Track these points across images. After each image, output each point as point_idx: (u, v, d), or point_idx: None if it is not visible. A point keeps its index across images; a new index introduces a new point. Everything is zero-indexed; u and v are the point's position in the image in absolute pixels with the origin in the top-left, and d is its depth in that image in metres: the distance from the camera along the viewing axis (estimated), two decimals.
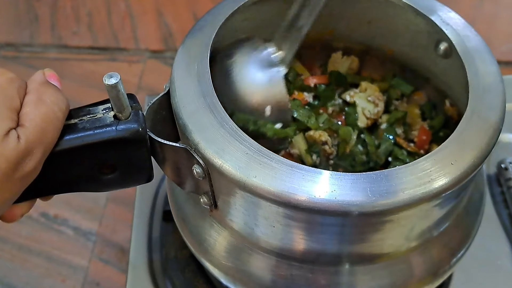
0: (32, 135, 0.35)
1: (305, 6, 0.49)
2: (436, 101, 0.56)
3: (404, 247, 0.43)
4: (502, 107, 0.42)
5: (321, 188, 0.37)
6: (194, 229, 0.48)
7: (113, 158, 0.40)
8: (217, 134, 0.40)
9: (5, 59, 0.86)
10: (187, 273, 0.58)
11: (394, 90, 0.57)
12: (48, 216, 0.69)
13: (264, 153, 0.39)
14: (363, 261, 0.44)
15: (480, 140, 0.40)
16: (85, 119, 0.39)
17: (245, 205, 0.41)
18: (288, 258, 0.43)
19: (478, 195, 0.49)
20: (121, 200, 0.70)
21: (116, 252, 0.66)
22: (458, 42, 0.46)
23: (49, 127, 0.36)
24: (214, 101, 0.41)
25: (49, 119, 0.36)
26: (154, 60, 0.86)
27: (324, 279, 0.44)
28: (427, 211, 0.41)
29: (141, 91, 0.81)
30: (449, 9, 0.49)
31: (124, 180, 0.42)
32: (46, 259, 0.66)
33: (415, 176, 0.38)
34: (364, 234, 0.41)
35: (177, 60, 0.45)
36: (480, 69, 0.44)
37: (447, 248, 0.46)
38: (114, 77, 0.37)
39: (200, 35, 0.46)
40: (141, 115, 0.39)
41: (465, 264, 0.50)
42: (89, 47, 0.88)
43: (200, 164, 0.40)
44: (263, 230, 0.42)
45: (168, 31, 0.90)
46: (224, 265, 0.46)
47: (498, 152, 0.65)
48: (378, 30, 0.55)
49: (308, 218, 0.39)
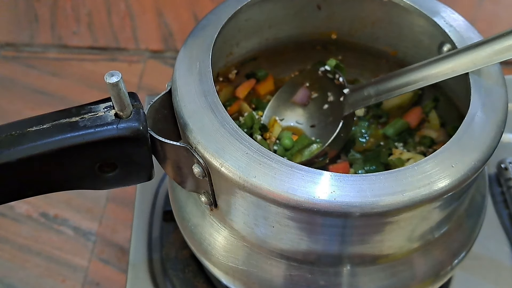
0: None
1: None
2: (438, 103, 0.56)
3: (405, 248, 0.43)
4: (504, 109, 0.42)
5: (321, 188, 0.37)
6: (194, 228, 0.48)
7: (114, 157, 0.40)
8: (218, 133, 0.40)
9: (5, 59, 0.86)
10: (187, 273, 0.58)
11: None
12: (48, 216, 0.69)
13: (264, 153, 0.39)
14: (363, 263, 0.43)
15: (481, 142, 0.40)
16: (86, 117, 0.39)
17: (245, 205, 0.41)
18: (288, 258, 0.43)
19: (479, 197, 0.49)
20: (121, 200, 0.70)
21: (116, 252, 0.66)
22: (461, 43, 0.46)
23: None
24: (215, 100, 0.41)
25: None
26: (154, 60, 0.86)
27: (324, 280, 0.44)
28: (427, 213, 0.41)
29: (141, 91, 0.81)
30: (452, 11, 0.49)
31: (124, 179, 0.42)
32: (46, 259, 0.66)
33: (415, 178, 0.38)
34: (364, 235, 0.41)
35: (179, 59, 0.45)
36: (482, 71, 0.44)
37: (448, 250, 0.46)
38: (116, 75, 0.37)
39: (203, 35, 0.46)
40: (142, 113, 0.39)
41: (465, 264, 0.50)
42: (89, 47, 0.88)
43: (200, 163, 0.40)
44: (263, 230, 0.42)
45: (168, 31, 0.90)
46: (224, 264, 0.46)
47: (498, 152, 0.64)
48: (381, 31, 0.55)
49: (307, 219, 0.39)
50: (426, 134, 0.55)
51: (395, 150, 0.54)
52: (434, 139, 0.55)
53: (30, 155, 0.38)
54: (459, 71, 0.44)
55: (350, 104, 0.53)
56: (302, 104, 0.57)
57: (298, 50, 0.59)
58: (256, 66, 0.58)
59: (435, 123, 0.56)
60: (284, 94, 0.58)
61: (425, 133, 0.55)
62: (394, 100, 0.57)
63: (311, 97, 0.57)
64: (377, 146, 0.56)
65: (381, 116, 0.58)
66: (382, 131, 0.56)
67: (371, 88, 0.51)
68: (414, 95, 0.57)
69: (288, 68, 0.60)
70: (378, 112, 0.58)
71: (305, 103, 0.57)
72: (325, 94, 0.56)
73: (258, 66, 0.59)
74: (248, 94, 0.58)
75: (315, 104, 0.57)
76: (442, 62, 0.46)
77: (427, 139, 0.55)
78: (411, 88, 0.48)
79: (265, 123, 0.56)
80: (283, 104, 0.57)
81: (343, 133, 0.54)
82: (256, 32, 0.54)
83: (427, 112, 0.56)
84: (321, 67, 0.57)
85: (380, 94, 0.51)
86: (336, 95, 0.55)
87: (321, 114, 0.56)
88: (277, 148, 0.54)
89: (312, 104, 0.57)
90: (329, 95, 0.56)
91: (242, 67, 0.58)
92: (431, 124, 0.56)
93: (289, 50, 0.58)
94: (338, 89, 0.55)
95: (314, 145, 0.54)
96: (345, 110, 0.54)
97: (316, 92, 0.57)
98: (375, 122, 0.58)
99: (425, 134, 0.55)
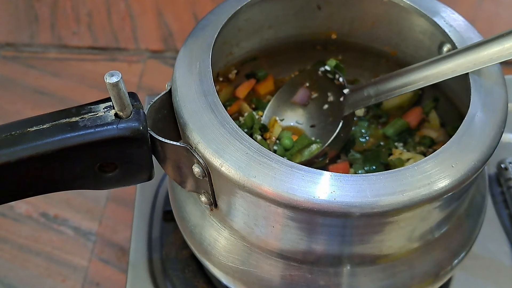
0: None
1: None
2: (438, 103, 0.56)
3: (405, 248, 0.43)
4: (504, 109, 0.42)
5: (321, 188, 0.37)
6: (194, 228, 0.48)
7: (114, 157, 0.40)
8: (218, 133, 0.40)
9: (5, 59, 0.86)
10: (187, 273, 0.58)
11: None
12: (48, 216, 0.69)
13: (264, 153, 0.39)
14: (363, 263, 0.43)
15: (481, 142, 0.40)
16: (86, 117, 0.39)
17: (245, 205, 0.41)
18: (288, 258, 0.43)
19: (479, 197, 0.49)
20: (121, 200, 0.70)
21: (116, 252, 0.66)
22: (461, 43, 0.46)
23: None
24: (215, 100, 0.41)
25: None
26: (154, 60, 0.86)
27: (323, 280, 0.44)
28: (427, 213, 0.41)
29: (141, 91, 0.81)
30: (452, 11, 0.49)
31: (124, 178, 0.42)
32: (46, 259, 0.66)
33: (415, 178, 0.37)
34: (364, 235, 0.41)
35: (179, 59, 0.45)
36: (482, 71, 0.44)
37: (448, 250, 0.46)
38: (116, 75, 0.37)
39: (203, 35, 0.46)
40: (142, 113, 0.40)
41: (465, 264, 0.50)
42: (89, 47, 0.88)
43: (200, 163, 0.40)
44: (263, 230, 0.42)
45: (168, 31, 0.90)
46: (224, 264, 0.46)
47: (498, 152, 0.64)
48: (381, 31, 0.55)
49: (307, 219, 0.39)
50: (426, 134, 0.55)
51: (395, 150, 0.54)
52: (434, 139, 0.55)
53: (30, 155, 0.38)
54: (459, 71, 0.44)
55: (350, 104, 0.53)
56: (302, 104, 0.57)
57: (298, 50, 0.59)
58: (256, 66, 0.58)
59: (435, 123, 0.56)
60: (284, 94, 0.58)
61: (425, 133, 0.55)
62: (394, 100, 0.57)
63: (311, 97, 0.57)
64: (377, 146, 0.56)
65: (381, 116, 0.58)
66: (382, 131, 0.56)
67: (371, 88, 0.51)
68: (414, 95, 0.57)
69: (288, 68, 0.60)
70: (378, 112, 0.58)
71: (305, 103, 0.57)
72: (325, 94, 0.56)
73: (258, 66, 0.59)
74: (248, 94, 0.58)
75: (315, 104, 0.57)
76: (442, 62, 0.46)
77: (427, 139, 0.55)
78: (411, 88, 0.48)
79: (265, 123, 0.56)
80: (283, 104, 0.57)
81: (343, 133, 0.54)
82: (256, 32, 0.54)
83: (427, 112, 0.56)
84: (321, 67, 0.57)
85: (380, 94, 0.51)
86: (336, 95, 0.55)
87: (321, 114, 0.56)
88: (277, 148, 0.54)
89: (312, 104, 0.57)
90: (329, 95, 0.56)
91: (242, 67, 0.58)
92: (431, 124, 0.56)
93: (289, 50, 0.58)
94: (338, 89, 0.55)
95: (314, 145, 0.54)
96: (345, 110, 0.54)
97: (316, 92, 0.57)
98: (375, 122, 0.58)
99: (425, 134, 0.55)
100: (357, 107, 0.54)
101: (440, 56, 0.46)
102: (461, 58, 0.44)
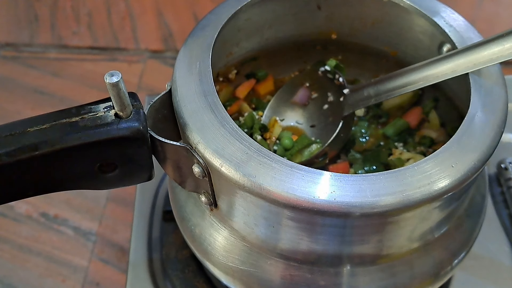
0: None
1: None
2: (438, 103, 0.56)
3: (405, 248, 0.43)
4: (504, 109, 0.42)
5: (321, 188, 0.37)
6: (194, 228, 0.48)
7: (114, 157, 0.40)
8: (218, 133, 0.40)
9: (5, 59, 0.86)
10: (187, 273, 0.58)
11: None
12: (48, 216, 0.69)
13: (264, 153, 0.38)
14: (363, 263, 0.43)
15: (481, 142, 0.40)
16: (86, 117, 0.39)
17: (245, 205, 0.41)
18: (288, 258, 0.43)
19: (479, 197, 0.49)
20: (121, 200, 0.70)
21: (116, 252, 0.66)
22: (461, 43, 0.46)
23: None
24: (215, 100, 0.41)
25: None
26: (154, 60, 0.86)
27: (324, 280, 0.44)
28: (427, 213, 0.40)
29: (141, 91, 0.81)
30: (452, 11, 0.48)
31: (124, 178, 0.42)
32: (46, 259, 0.66)
33: (415, 178, 0.37)
34: (364, 235, 0.41)
35: (179, 59, 0.45)
36: (482, 71, 0.44)
37: (448, 250, 0.46)
38: (116, 75, 0.37)
39: (203, 35, 0.46)
40: (142, 113, 0.39)
41: (465, 264, 0.50)
42: (89, 47, 0.88)
43: (200, 163, 0.40)
44: (263, 230, 0.42)
45: (168, 31, 0.90)
46: (224, 264, 0.46)
47: (498, 152, 0.64)
48: (381, 31, 0.55)
49: (307, 219, 0.39)
50: (426, 134, 0.55)
51: (395, 150, 0.54)
52: (434, 139, 0.55)
53: (30, 155, 0.38)
54: (459, 71, 0.44)
55: (350, 104, 0.53)
56: (302, 104, 0.57)
57: (298, 50, 0.59)
58: (256, 66, 0.58)
59: (435, 123, 0.56)
60: (284, 94, 0.58)
61: (425, 133, 0.55)
62: (394, 100, 0.57)
63: (311, 97, 0.57)
64: (377, 146, 0.56)
65: (381, 116, 0.58)
66: (382, 131, 0.56)
67: (371, 88, 0.51)
68: (414, 95, 0.57)
69: (288, 68, 0.60)
70: (378, 112, 0.58)
71: (305, 103, 0.57)
72: (325, 94, 0.56)
73: (258, 66, 0.59)
74: (248, 94, 0.58)
75: (315, 104, 0.57)
76: (442, 62, 0.46)
77: (427, 139, 0.55)
78: (411, 88, 0.48)
79: (265, 123, 0.56)
80: (283, 104, 0.57)
81: (343, 133, 0.54)
82: (256, 32, 0.54)
83: (427, 112, 0.56)
84: (321, 67, 0.57)
85: (380, 94, 0.51)
86: (336, 95, 0.55)
87: (321, 114, 0.56)
88: (277, 148, 0.54)
89: (312, 104, 0.57)
90: (329, 95, 0.56)
91: (242, 67, 0.58)
92: (431, 124, 0.56)
93: (289, 50, 0.58)
94: (338, 89, 0.55)
95: (314, 145, 0.54)
96: (345, 110, 0.54)
97: (316, 92, 0.57)
98: (375, 122, 0.58)
99: (425, 134, 0.55)
100: (357, 107, 0.54)
101: (440, 56, 0.46)
102: (461, 58, 0.44)
